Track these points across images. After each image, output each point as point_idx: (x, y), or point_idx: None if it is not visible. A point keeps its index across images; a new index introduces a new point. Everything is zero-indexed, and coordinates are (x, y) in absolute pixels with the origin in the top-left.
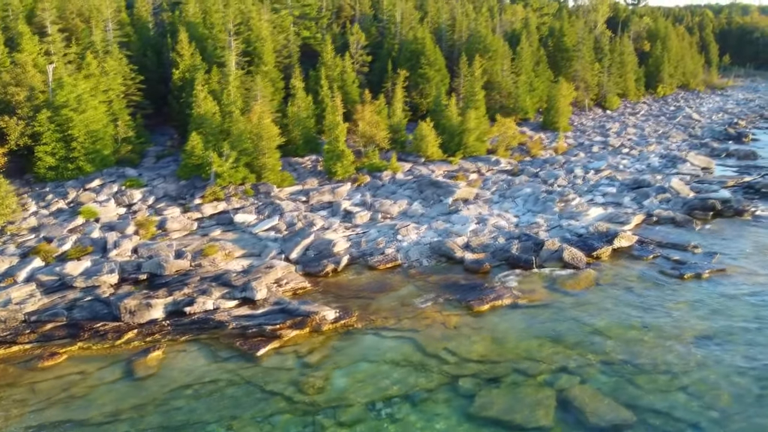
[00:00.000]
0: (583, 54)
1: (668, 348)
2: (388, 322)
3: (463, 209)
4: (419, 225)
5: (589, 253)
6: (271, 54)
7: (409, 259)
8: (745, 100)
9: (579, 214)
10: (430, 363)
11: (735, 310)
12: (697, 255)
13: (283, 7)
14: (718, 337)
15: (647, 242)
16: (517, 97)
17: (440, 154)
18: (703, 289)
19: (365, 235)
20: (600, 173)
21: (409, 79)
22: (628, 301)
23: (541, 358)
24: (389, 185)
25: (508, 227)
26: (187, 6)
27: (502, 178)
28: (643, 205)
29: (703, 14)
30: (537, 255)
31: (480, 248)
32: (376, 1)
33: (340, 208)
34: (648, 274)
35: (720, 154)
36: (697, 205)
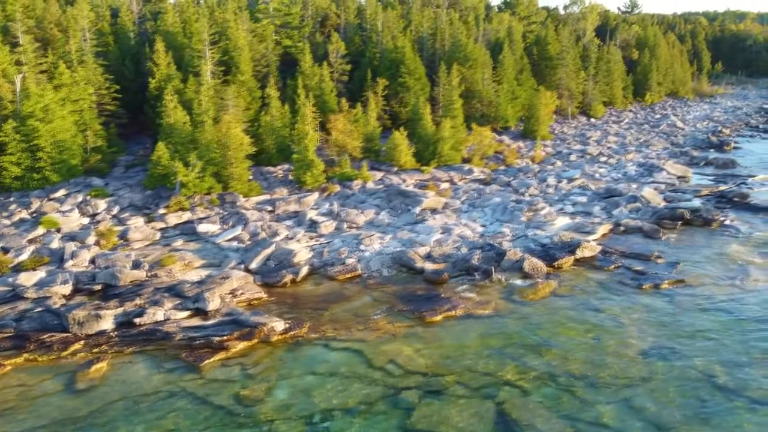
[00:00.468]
0: (566, 62)
1: (615, 360)
2: (338, 333)
3: (429, 219)
4: (384, 235)
5: (550, 263)
6: (249, 63)
7: (370, 270)
8: (733, 108)
9: (545, 224)
10: (374, 375)
11: (687, 322)
12: (660, 265)
13: (265, 16)
14: (666, 349)
15: (611, 252)
16: (498, 106)
17: (413, 163)
18: (660, 300)
19: (329, 245)
20: (573, 182)
21: (389, 88)
22: (582, 313)
23: (487, 370)
24: (359, 194)
25: (472, 237)
26: (166, 15)
27: (473, 187)
28: (613, 215)
29: (696, 22)
30: (498, 265)
31: (441, 258)
32: (361, 10)
33: (305, 218)
34: (607, 285)
35: (699, 163)
36: (666, 214)
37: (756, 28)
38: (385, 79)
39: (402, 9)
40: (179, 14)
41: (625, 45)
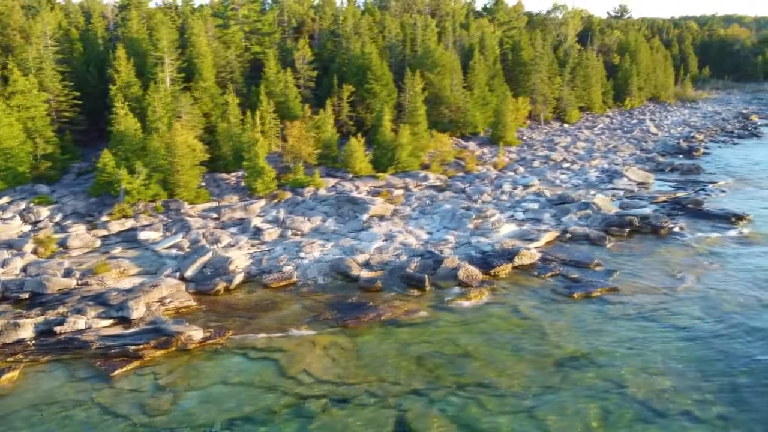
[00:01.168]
0: (540, 68)
1: (529, 370)
2: (258, 342)
3: (374, 226)
4: (327, 242)
5: (486, 271)
6: (212, 70)
7: (306, 277)
8: (713, 113)
9: (491, 231)
10: (285, 384)
11: (610, 331)
12: (597, 273)
13: (235, 22)
14: (583, 358)
15: (551, 260)
16: (466, 112)
17: (369, 169)
18: (588, 309)
19: (270, 252)
20: (528, 189)
21: (356, 94)
22: (507, 321)
23: (399, 379)
24: (309, 201)
25: (415, 244)
26: (131, 22)
27: (428, 194)
28: (562, 222)
29: (683, 27)
30: (434, 273)
31: (379, 266)
32: (337, 16)
33: (250, 225)
34: (539, 293)
35: (664, 169)
36: (615, 221)
37: (744, 32)
38: (351, 85)
39: (381, 15)
40: (146, 21)
41: (606, 50)
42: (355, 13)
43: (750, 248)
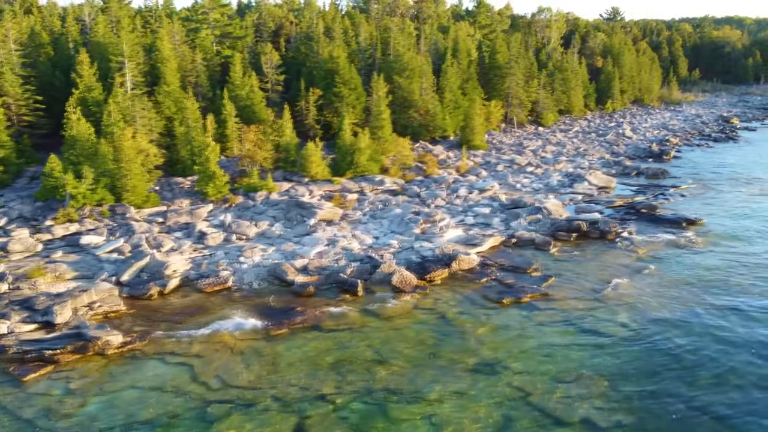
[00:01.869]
0: (514, 71)
1: (439, 375)
2: (178, 347)
3: (319, 231)
4: (269, 247)
5: (422, 276)
6: (176, 74)
7: (243, 282)
8: (695, 116)
9: (435, 236)
10: (194, 388)
11: (531, 338)
12: (533, 278)
13: (206, 26)
14: (499, 365)
15: (490, 265)
16: (435, 116)
17: (326, 173)
18: (514, 315)
19: (211, 257)
20: (484, 193)
21: (324, 98)
22: (431, 327)
23: (308, 384)
24: (260, 206)
25: (356, 249)
26: (97, 27)
27: (382, 198)
28: (511, 226)
29: (673, 29)
30: (369, 278)
31: (316, 271)
32: (312, 19)
33: (195, 230)
34: (470, 299)
35: (630, 173)
36: (564, 226)
37: (735, 34)
38: (320, 89)
39: (362, 18)
40: (115, 24)
41: (589, 53)
42: (330, 16)
43: (694, 254)
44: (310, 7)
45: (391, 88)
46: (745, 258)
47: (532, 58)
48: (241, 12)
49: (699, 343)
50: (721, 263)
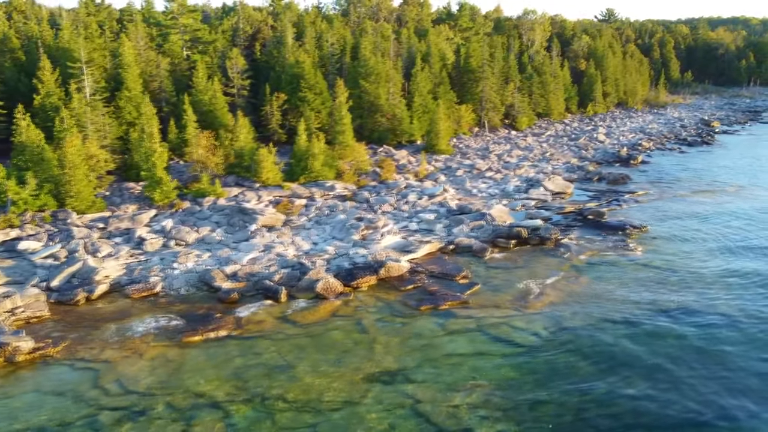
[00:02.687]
0: (487, 75)
1: (340, 385)
2: (90, 353)
3: (258, 237)
4: (206, 252)
5: (349, 283)
6: (137, 80)
7: (171, 288)
8: (676, 119)
9: (372, 243)
10: (93, 395)
11: (439, 347)
12: (459, 285)
13: (176, 31)
14: (400, 374)
15: (420, 272)
16: (402, 120)
17: (278, 179)
18: (429, 323)
19: (146, 262)
20: (434, 199)
21: (290, 102)
22: (343, 335)
23: (206, 391)
24: (206, 211)
25: (291, 256)
26: (62, 32)
27: (330, 203)
28: (452, 233)
29: (665, 31)
30: (296, 285)
31: (245, 277)
32: (294, 23)
33: (135, 235)
34: (391, 306)
35: (592, 178)
36: (504, 233)
37: (728, 36)
38: (285, 93)
39: (340, 22)
40: (82, 31)
41: (573, 56)
42: (310, 19)
43: (629, 262)
44: (290, 11)
45: (358, 93)
46: (681, 267)
47: (513, 60)
48: (207, 17)
49: (604, 354)
50: (653, 272)
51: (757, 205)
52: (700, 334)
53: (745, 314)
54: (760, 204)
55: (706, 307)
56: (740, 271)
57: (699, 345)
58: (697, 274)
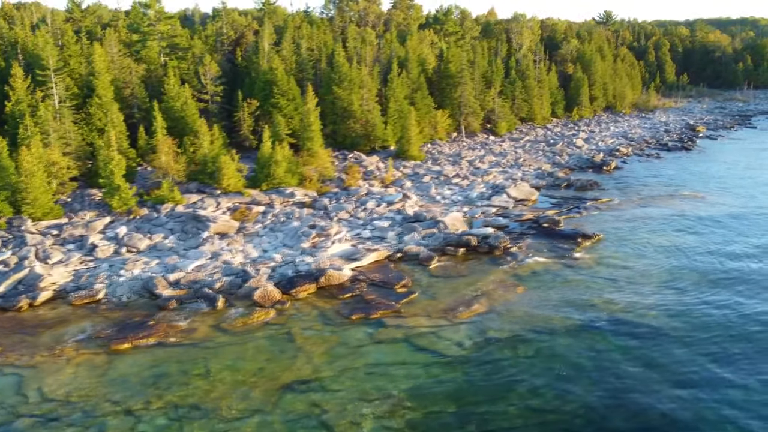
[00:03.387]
0: (465, 80)
1: (255, 393)
2: (20, 359)
3: (208, 244)
4: (155, 259)
5: (287, 291)
6: (109, 88)
7: (114, 295)
8: (662, 124)
9: (320, 250)
10: (13, 401)
11: (361, 356)
12: (398, 294)
13: (152, 38)
14: (315, 383)
15: (361, 280)
16: (375, 126)
17: (239, 185)
18: (357, 332)
19: (95, 269)
20: (392, 206)
21: (263, 109)
22: (272, 343)
23: (123, 399)
24: (163, 218)
25: (237, 263)
26: (37, 40)
27: (288, 210)
28: (403, 240)
29: (661, 33)
30: (235, 293)
31: (188, 285)
32: (278, 27)
33: (88, 242)
34: (324, 315)
35: (560, 185)
36: (454, 241)
37: (725, 39)
38: (258, 99)
39: (327, 27)
40: (50, 39)
41: (560, 60)
42: (296, 23)
43: (572, 271)
44: (276, 15)
45: (331, 99)
46: (623, 278)
47: (499, 65)
48: (191, 22)
49: (521, 365)
50: (592, 282)
51: (717, 213)
52: (628, 345)
53: (676, 326)
54: (720, 211)
55: (638, 317)
56: (681, 282)
57: (624, 355)
58: (637, 284)
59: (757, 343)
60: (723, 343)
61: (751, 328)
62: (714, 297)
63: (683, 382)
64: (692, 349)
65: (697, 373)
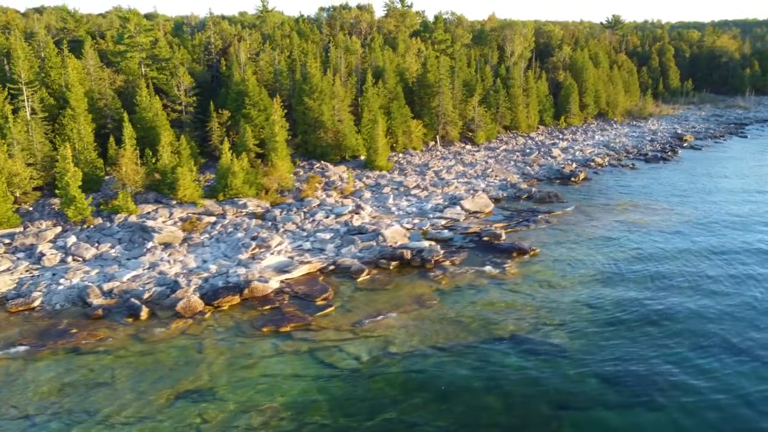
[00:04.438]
0: (443, 90)
1: (144, 402)
2: None
3: (148, 254)
4: (96, 269)
5: (211, 302)
6: (82, 99)
7: (49, 303)
8: (651, 132)
9: (253, 262)
10: None
11: (257, 368)
12: (317, 306)
13: (135, 49)
14: (207, 392)
15: (286, 292)
16: (345, 136)
17: (196, 196)
18: (264, 344)
19: (38, 277)
20: (340, 218)
21: (234, 119)
22: (181, 353)
23: (20, 404)
24: (115, 228)
25: (172, 273)
26: (13, 51)
27: (237, 221)
28: (341, 253)
29: (673, 37)
30: (161, 303)
31: (119, 294)
32: (265, 35)
33: (37, 251)
34: (239, 326)
35: (521, 196)
36: (388, 254)
37: (732, 44)
38: (231, 110)
39: (316, 35)
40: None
41: (551, 67)
42: (285, 31)
43: (496, 287)
44: (266, 24)
45: (302, 110)
46: (544, 295)
47: (488, 72)
48: (181, 31)
49: (414, 380)
50: (512, 299)
51: (665, 226)
52: (522, 365)
53: (575, 347)
54: (668, 224)
55: (541, 337)
56: (597, 302)
57: (515, 374)
58: (556, 302)
59: (649, 366)
60: (619, 364)
61: (647, 353)
62: (624, 316)
63: (566, 402)
64: (586, 370)
65: (585, 393)
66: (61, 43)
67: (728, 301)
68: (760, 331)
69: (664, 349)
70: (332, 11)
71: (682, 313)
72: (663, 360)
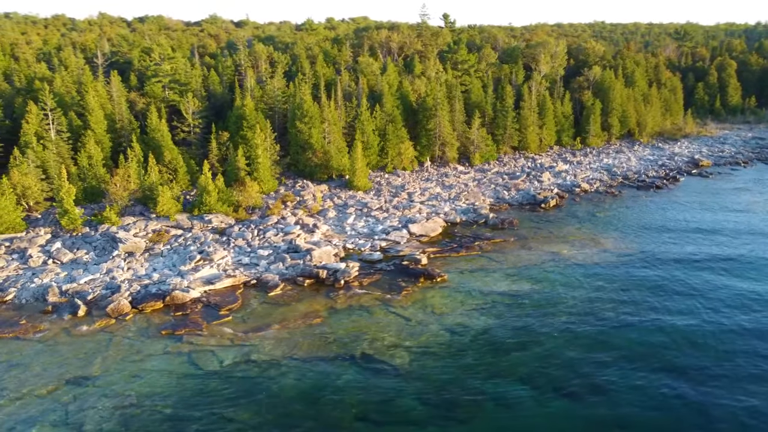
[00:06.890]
0: (440, 113)
1: (38, 383)
2: None
3: (110, 261)
4: (67, 271)
5: (137, 305)
6: (102, 123)
7: (20, 298)
8: (669, 156)
9: (190, 272)
10: None
11: (140, 364)
12: (219, 315)
13: (153, 74)
14: (85, 383)
15: (202, 301)
16: (331, 157)
17: (173, 211)
18: (157, 345)
19: (22, 276)
20: (287, 236)
21: (233, 140)
22: (92, 347)
23: None
24: (97, 236)
25: (121, 279)
26: (54, 80)
27: (198, 235)
28: (269, 268)
29: (726, 55)
30: (98, 303)
31: (72, 294)
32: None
33: (27, 253)
34: (148, 328)
35: (479, 221)
36: (307, 272)
37: None
38: (231, 131)
39: (344, 55)
40: (80, 75)
41: (577, 87)
42: (311, 53)
43: (384, 309)
44: (298, 46)
45: (294, 132)
46: (419, 321)
47: (510, 92)
48: (231, 45)
49: (259, 384)
50: (389, 322)
51: (596, 261)
52: (359, 377)
53: (415, 370)
54: (601, 260)
55: (388, 356)
56: (465, 330)
57: (342, 388)
58: (424, 327)
59: (470, 392)
60: (444, 389)
61: (474, 383)
62: (474, 345)
63: (369, 414)
64: (408, 389)
65: (397, 408)
66: (109, 65)
67: (565, 348)
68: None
69: (492, 379)
70: (363, 32)
71: (529, 351)
72: (477, 390)
